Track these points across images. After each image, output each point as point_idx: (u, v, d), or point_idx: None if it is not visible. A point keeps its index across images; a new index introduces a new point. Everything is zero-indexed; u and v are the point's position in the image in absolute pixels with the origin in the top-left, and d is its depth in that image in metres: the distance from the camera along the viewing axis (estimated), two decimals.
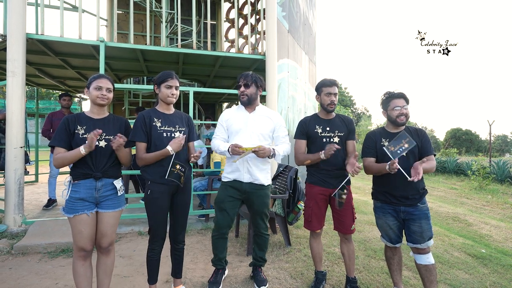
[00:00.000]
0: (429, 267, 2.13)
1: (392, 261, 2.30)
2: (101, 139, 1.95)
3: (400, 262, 2.31)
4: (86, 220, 1.90)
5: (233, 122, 2.46)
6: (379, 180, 2.25)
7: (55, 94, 14.24)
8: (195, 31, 4.61)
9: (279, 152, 2.36)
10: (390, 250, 2.30)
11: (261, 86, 2.46)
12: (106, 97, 1.95)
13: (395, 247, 2.27)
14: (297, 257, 3.16)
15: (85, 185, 1.90)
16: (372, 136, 2.30)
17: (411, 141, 1.94)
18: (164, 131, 2.14)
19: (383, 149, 2.08)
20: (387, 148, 2.00)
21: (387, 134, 2.22)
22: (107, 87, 1.96)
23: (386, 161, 2.04)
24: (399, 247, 2.30)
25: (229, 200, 2.42)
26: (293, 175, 3.55)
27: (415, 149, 2.11)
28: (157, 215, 2.11)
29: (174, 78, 2.15)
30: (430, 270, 2.13)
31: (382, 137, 2.22)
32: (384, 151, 2.05)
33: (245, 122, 2.42)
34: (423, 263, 2.14)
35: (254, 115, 2.45)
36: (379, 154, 2.21)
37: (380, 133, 2.26)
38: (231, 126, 2.45)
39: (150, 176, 2.11)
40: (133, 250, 3.34)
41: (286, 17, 5.38)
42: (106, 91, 1.96)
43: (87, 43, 3.98)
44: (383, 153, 2.09)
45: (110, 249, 2.07)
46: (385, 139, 2.20)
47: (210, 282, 2.49)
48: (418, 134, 2.17)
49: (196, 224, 4.17)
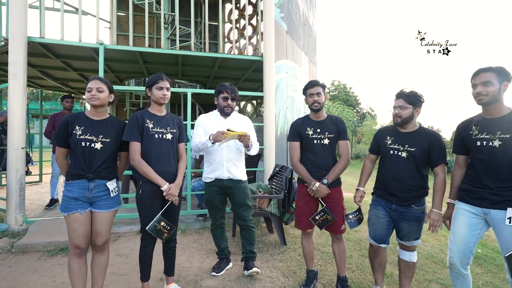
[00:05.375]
0: (409, 264, 2.19)
1: (374, 261, 2.31)
2: (97, 141, 2.00)
3: (382, 264, 2.30)
4: (80, 218, 1.95)
5: (210, 126, 2.63)
6: (377, 176, 2.29)
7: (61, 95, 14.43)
8: (193, 32, 4.66)
9: (255, 146, 2.64)
10: (373, 250, 2.30)
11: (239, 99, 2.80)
12: (96, 97, 1.99)
13: (379, 247, 2.25)
14: (291, 256, 3.19)
15: (78, 185, 1.95)
16: (378, 133, 2.33)
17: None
18: (156, 133, 2.19)
19: (385, 147, 2.19)
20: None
21: (393, 132, 2.22)
22: (97, 87, 2.00)
23: (387, 159, 2.18)
24: (384, 249, 2.27)
25: (217, 198, 2.67)
26: (288, 175, 3.58)
27: (419, 154, 2.05)
28: (148, 214, 2.16)
29: (164, 80, 2.20)
30: (410, 267, 2.19)
31: (387, 135, 2.23)
32: (385, 148, 2.20)
33: (221, 127, 2.55)
34: (405, 258, 2.20)
35: (229, 121, 2.70)
36: (381, 152, 2.25)
37: (388, 131, 2.26)
38: (209, 130, 2.60)
39: (142, 176, 2.16)
40: (131, 249, 3.40)
41: (285, 18, 5.42)
42: (97, 91, 1.99)
43: (87, 46, 4.06)
44: (385, 150, 2.20)
45: (105, 248, 2.12)
46: (390, 137, 2.19)
47: (214, 267, 2.81)
48: (430, 140, 2.06)
49: (194, 224, 4.22)
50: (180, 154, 2.32)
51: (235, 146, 2.63)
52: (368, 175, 2.37)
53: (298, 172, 2.42)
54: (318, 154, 2.37)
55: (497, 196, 1.77)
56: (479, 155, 1.87)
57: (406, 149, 2.09)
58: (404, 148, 2.10)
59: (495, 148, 1.79)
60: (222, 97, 2.64)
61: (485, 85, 1.79)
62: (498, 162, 1.78)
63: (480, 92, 1.81)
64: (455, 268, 1.94)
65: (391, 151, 2.15)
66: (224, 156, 2.61)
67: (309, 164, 2.38)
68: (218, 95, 2.68)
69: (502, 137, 1.77)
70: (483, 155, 1.84)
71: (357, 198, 2.28)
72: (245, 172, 2.77)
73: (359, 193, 2.29)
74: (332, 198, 2.35)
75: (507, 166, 1.76)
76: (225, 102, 2.64)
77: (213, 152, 2.62)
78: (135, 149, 2.12)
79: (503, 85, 1.78)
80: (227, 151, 2.61)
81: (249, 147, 2.54)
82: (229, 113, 2.68)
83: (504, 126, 1.77)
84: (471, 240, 1.87)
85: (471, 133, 1.91)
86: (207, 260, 3.11)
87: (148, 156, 2.15)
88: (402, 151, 2.10)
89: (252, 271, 2.63)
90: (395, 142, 2.15)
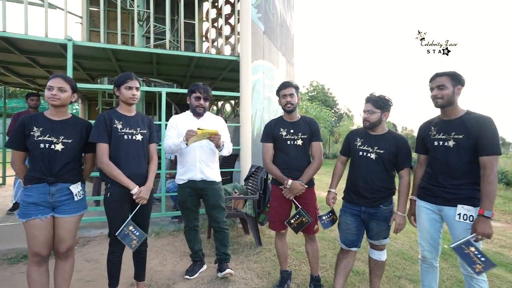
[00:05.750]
0: (378, 263, 2.25)
1: (340, 264, 2.31)
2: (58, 142, 1.89)
3: (347, 268, 2.29)
4: (40, 224, 1.84)
5: (182, 127, 2.55)
6: (348, 177, 2.32)
7: None
8: (168, 30, 4.56)
9: (227, 147, 2.57)
10: (342, 253, 2.33)
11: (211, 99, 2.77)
12: (57, 97, 1.88)
13: (348, 250, 2.28)
14: (267, 257, 3.19)
15: (38, 190, 1.84)
16: (349, 135, 2.37)
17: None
18: (125, 134, 2.11)
19: (355, 148, 2.23)
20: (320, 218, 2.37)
21: (363, 134, 2.25)
22: (60, 87, 1.89)
23: (356, 160, 2.22)
24: (354, 252, 2.30)
25: (190, 199, 2.63)
26: (264, 176, 3.58)
27: (387, 156, 2.10)
28: (117, 218, 2.08)
29: (134, 79, 2.13)
30: (379, 265, 2.26)
31: (357, 137, 2.26)
32: (354, 149, 2.23)
33: (194, 128, 2.49)
34: (374, 257, 2.26)
35: (202, 121, 2.65)
36: (351, 153, 2.29)
37: (358, 133, 2.29)
38: (181, 131, 2.54)
39: (110, 178, 2.07)
40: (101, 253, 3.27)
41: (262, 18, 5.41)
42: (58, 90, 1.89)
43: (54, 42, 3.85)
44: (354, 152, 2.23)
45: (69, 254, 2.02)
46: (360, 139, 2.23)
47: (187, 270, 2.77)
48: (398, 144, 2.11)
49: (169, 226, 4.12)
50: (151, 155, 2.25)
51: (208, 147, 2.59)
52: (339, 176, 2.40)
53: (271, 172, 2.42)
54: (291, 155, 2.38)
55: (450, 194, 1.90)
56: (436, 154, 1.99)
57: (375, 150, 2.14)
58: (373, 149, 2.15)
59: (450, 148, 1.91)
60: (195, 96, 2.60)
61: (440, 88, 1.92)
62: (452, 161, 1.90)
63: (436, 95, 1.95)
64: (427, 260, 2.10)
65: (361, 152, 2.20)
66: (197, 157, 2.56)
67: (282, 165, 2.39)
68: (190, 94, 2.63)
69: (456, 138, 1.89)
70: (439, 155, 1.96)
71: (330, 199, 2.31)
72: (219, 173, 2.73)
73: (331, 194, 2.33)
74: (305, 198, 2.37)
75: (460, 165, 1.88)
76: (198, 101, 2.60)
77: (186, 153, 2.57)
78: (103, 150, 2.03)
79: (457, 88, 1.91)
80: (200, 151, 2.57)
81: (220, 148, 2.50)
82: (201, 113, 2.64)
83: (458, 127, 1.89)
84: (435, 233, 2.02)
85: (430, 134, 2.03)
86: (180, 263, 3.05)
87: (116, 158, 2.07)
88: (371, 153, 2.15)
89: (226, 272, 2.61)
90: (364, 144, 2.20)
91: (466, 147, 1.85)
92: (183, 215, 2.76)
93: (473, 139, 1.82)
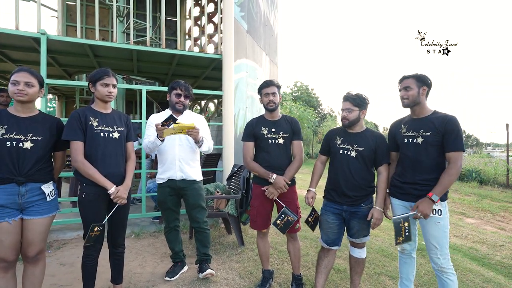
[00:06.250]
0: (359, 260, 2.28)
1: (321, 262, 2.32)
2: (26, 140, 1.79)
3: (328, 266, 2.31)
4: (7, 228, 1.74)
5: None
6: (328, 176, 2.33)
7: None
8: (148, 27, 4.45)
9: (207, 142, 2.52)
10: (323, 251, 2.35)
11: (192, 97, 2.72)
12: (24, 93, 1.78)
13: (329, 249, 2.30)
14: (249, 256, 3.17)
15: (5, 191, 1.74)
16: (328, 135, 2.38)
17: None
18: (101, 131, 2.03)
19: (335, 147, 2.25)
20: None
21: (342, 133, 2.27)
22: (26, 81, 1.79)
23: (337, 159, 2.23)
24: (334, 251, 2.32)
25: (169, 199, 2.58)
26: (246, 175, 3.55)
27: (367, 153, 2.14)
28: (92, 220, 1.99)
29: (111, 76, 2.05)
30: (359, 263, 2.29)
31: (337, 136, 2.28)
32: (334, 148, 2.25)
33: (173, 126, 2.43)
34: (354, 255, 2.29)
35: (181, 119, 2.57)
36: (331, 152, 2.30)
37: (338, 132, 2.31)
38: None
39: (85, 177, 1.99)
40: (77, 256, 3.14)
41: (245, 17, 5.39)
42: (25, 85, 1.78)
43: (25, 35, 3.67)
44: (335, 150, 2.25)
45: (39, 258, 1.92)
46: (340, 137, 2.25)
47: (168, 272, 2.71)
48: (376, 141, 2.17)
49: (149, 227, 4.03)
50: (128, 153, 2.18)
51: (188, 145, 2.54)
52: (319, 176, 2.42)
53: (253, 170, 2.40)
54: (272, 153, 2.37)
55: (419, 191, 1.99)
56: (406, 151, 2.08)
57: (355, 148, 2.16)
58: (353, 147, 2.17)
59: (419, 144, 2.01)
60: (175, 93, 2.55)
61: (406, 89, 2.04)
62: (421, 158, 2.00)
63: (402, 96, 2.06)
64: (406, 252, 2.22)
65: (341, 151, 2.21)
66: (176, 155, 2.51)
67: (264, 164, 2.37)
68: (171, 91, 2.57)
69: (424, 135, 1.99)
70: (409, 151, 2.06)
71: (309, 198, 2.30)
72: (200, 172, 2.69)
73: (310, 193, 2.33)
74: (287, 197, 2.37)
75: (428, 161, 1.98)
76: (178, 98, 2.54)
77: (165, 151, 2.51)
78: (78, 148, 1.94)
79: (422, 89, 2.02)
80: (180, 149, 2.52)
81: (199, 143, 2.44)
82: (181, 110, 2.59)
83: (427, 125, 2.00)
84: (412, 227, 2.08)
85: (401, 131, 2.13)
86: (161, 264, 2.98)
87: (92, 156, 1.98)
88: (351, 151, 2.17)
89: (206, 273, 2.57)
90: (344, 142, 2.21)
91: (433, 143, 1.95)
92: (163, 215, 2.70)
93: (439, 136, 1.93)
